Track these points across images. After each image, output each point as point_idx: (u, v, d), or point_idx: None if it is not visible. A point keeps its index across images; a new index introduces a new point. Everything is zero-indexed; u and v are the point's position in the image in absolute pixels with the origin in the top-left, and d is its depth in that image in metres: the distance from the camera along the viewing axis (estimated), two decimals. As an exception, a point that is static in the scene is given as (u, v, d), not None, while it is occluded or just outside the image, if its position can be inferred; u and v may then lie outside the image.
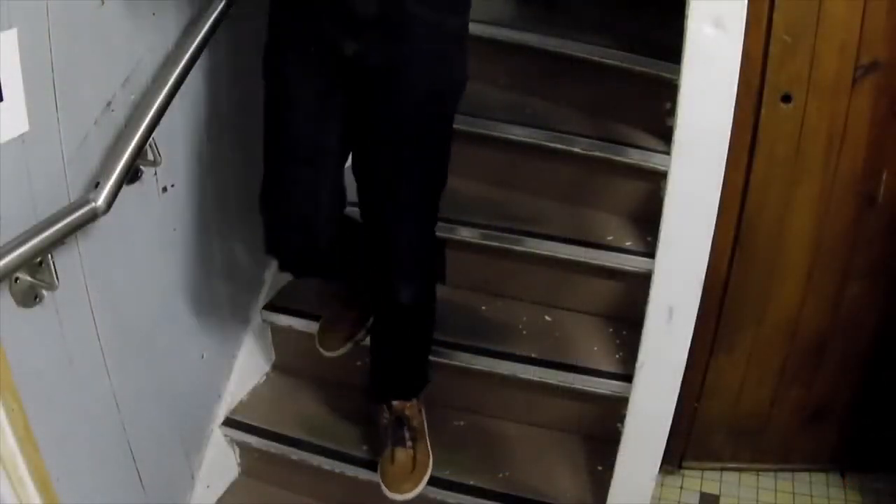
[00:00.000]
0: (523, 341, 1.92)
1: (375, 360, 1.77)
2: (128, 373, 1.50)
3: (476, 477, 1.81)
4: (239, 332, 1.98)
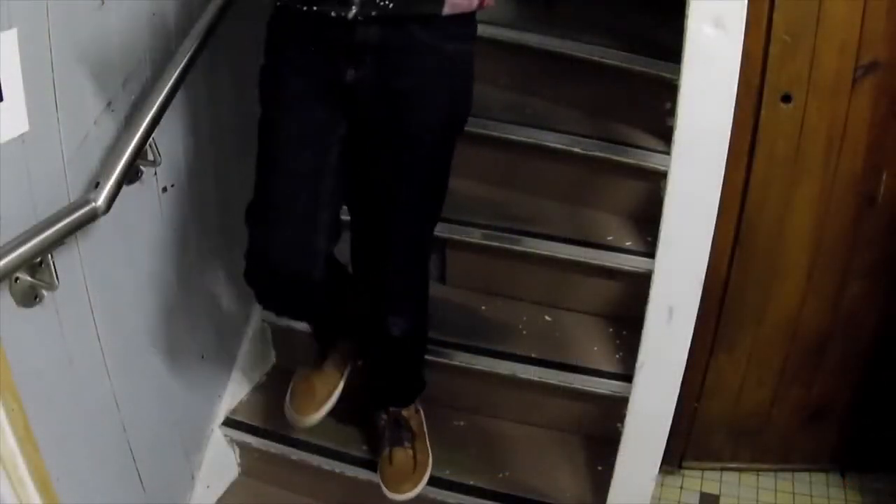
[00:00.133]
0: (523, 341, 1.92)
1: (370, 378, 1.77)
2: (128, 373, 1.50)
3: (476, 477, 1.81)
4: (239, 332, 1.98)
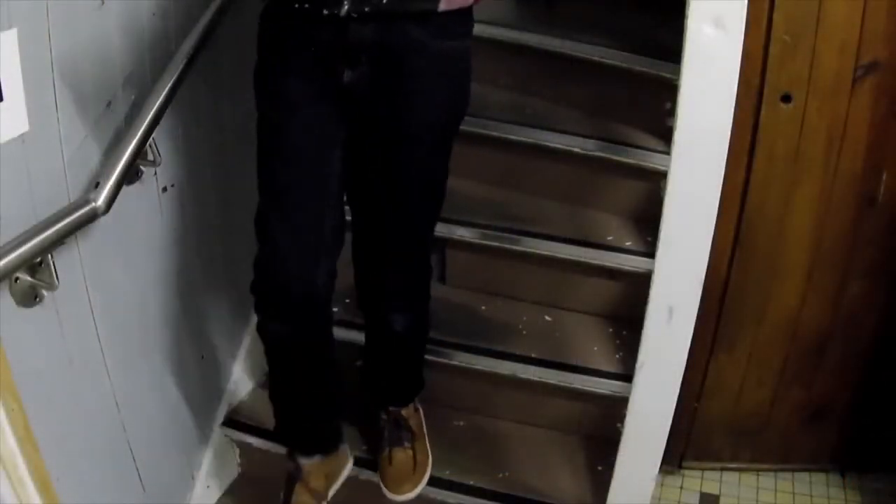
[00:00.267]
0: (523, 341, 1.92)
1: (369, 376, 1.77)
2: (128, 373, 1.50)
3: (476, 477, 1.81)
4: (239, 332, 1.98)
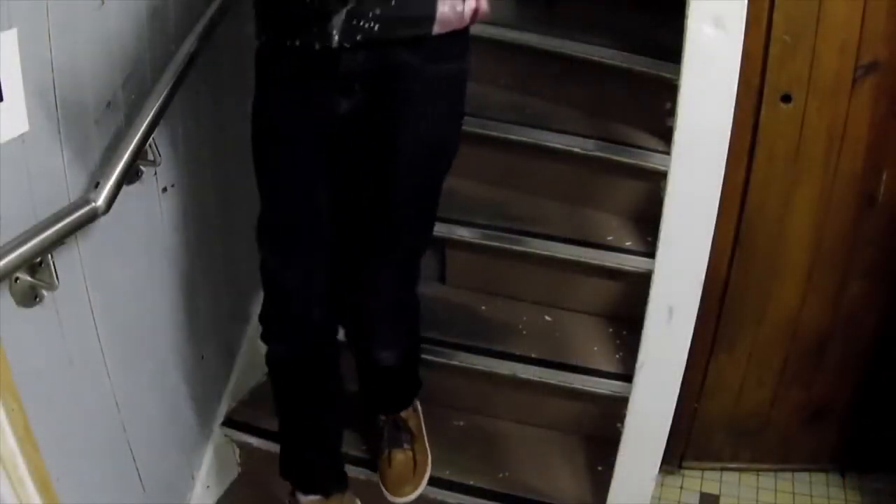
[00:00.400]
0: (523, 341, 1.92)
1: (364, 391, 1.77)
2: (128, 373, 1.50)
3: (476, 477, 1.81)
4: (239, 332, 1.98)
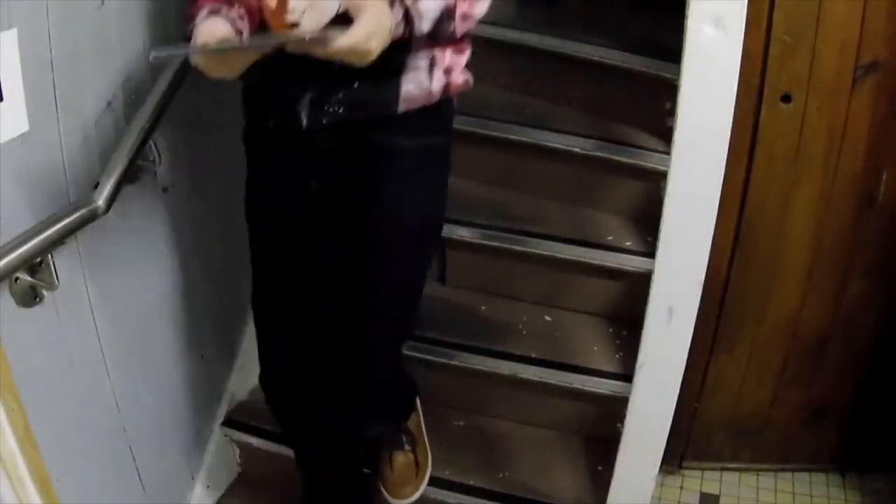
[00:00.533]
0: (523, 341, 1.92)
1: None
2: (128, 373, 1.50)
3: (476, 477, 1.81)
4: (239, 332, 1.98)
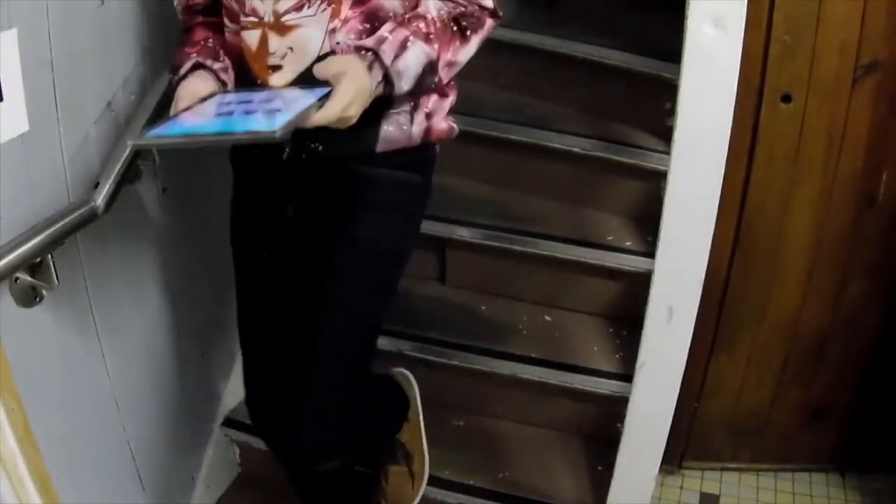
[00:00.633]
0: (523, 341, 1.92)
1: None
2: (128, 373, 1.50)
3: (476, 477, 1.81)
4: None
